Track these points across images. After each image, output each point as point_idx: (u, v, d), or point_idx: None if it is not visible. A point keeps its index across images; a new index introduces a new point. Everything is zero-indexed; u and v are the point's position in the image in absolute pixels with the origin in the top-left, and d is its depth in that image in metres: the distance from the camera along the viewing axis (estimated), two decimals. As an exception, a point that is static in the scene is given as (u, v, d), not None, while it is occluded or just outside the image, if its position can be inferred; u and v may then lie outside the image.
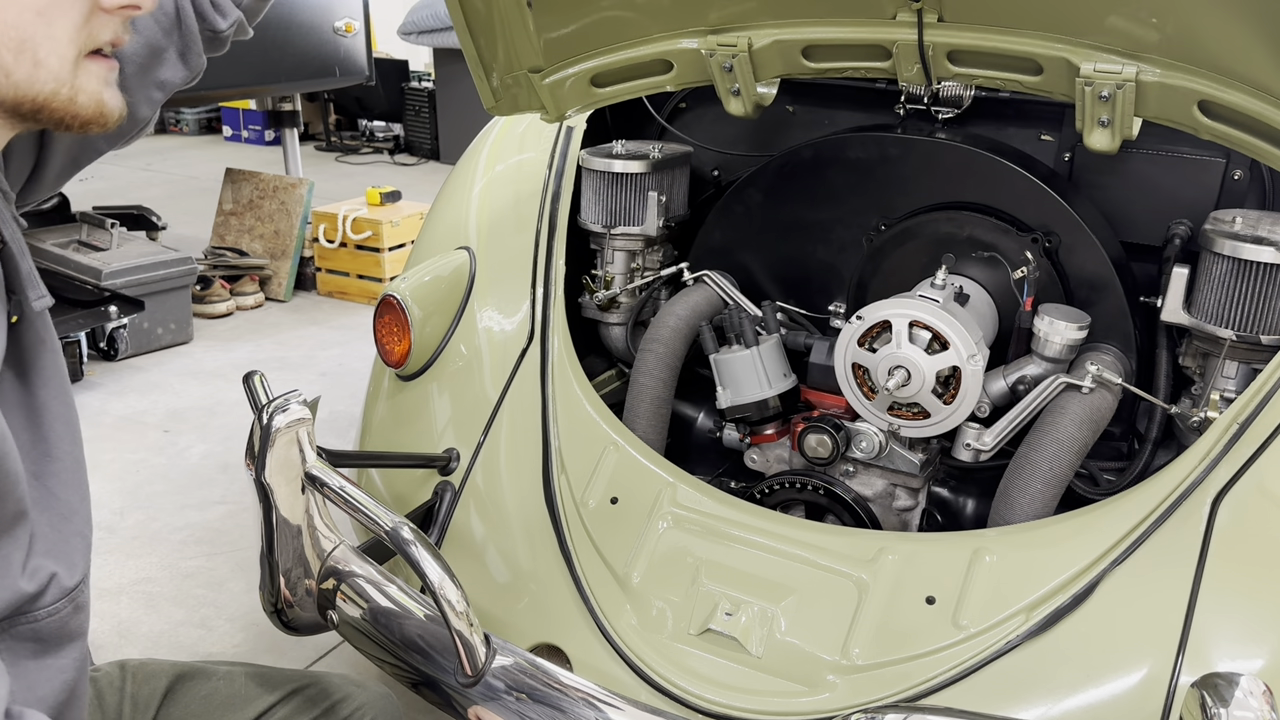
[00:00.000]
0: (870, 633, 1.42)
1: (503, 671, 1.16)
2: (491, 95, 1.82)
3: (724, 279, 2.07)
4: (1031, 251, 1.79)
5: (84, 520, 0.99)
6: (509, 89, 1.83)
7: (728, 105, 1.85)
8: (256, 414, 1.26)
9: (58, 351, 0.99)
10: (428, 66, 8.77)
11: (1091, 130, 1.54)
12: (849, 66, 1.68)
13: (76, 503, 0.98)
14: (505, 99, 1.85)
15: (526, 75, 1.81)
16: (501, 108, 1.86)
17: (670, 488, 1.64)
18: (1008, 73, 1.56)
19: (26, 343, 0.95)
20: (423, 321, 1.88)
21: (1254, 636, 1.30)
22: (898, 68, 1.60)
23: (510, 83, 1.82)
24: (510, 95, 1.85)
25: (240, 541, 2.76)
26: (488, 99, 1.83)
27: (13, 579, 0.89)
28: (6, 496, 0.87)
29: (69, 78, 0.84)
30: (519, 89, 1.84)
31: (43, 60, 0.82)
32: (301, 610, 1.32)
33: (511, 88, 1.83)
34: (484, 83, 1.80)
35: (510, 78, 1.81)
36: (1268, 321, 1.57)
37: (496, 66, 1.79)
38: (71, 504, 0.97)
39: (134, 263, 3.94)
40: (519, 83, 1.83)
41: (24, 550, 0.90)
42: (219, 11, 1.18)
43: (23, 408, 0.94)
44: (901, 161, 1.93)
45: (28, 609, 0.91)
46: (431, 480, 1.77)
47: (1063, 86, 1.52)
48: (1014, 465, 1.63)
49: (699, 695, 1.42)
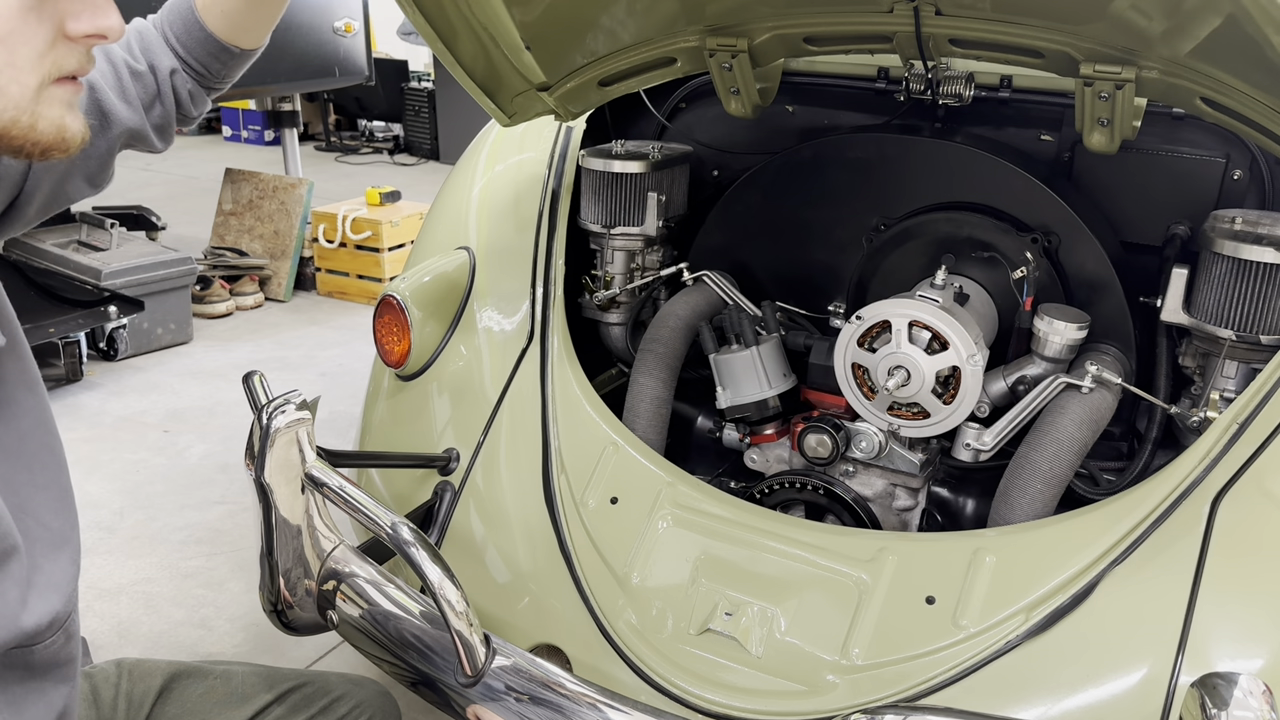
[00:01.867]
0: (870, 633, 1.42)
1: (502, 672, 1.16)
2: (505, 116, 1.84)
3: (724, 279, 2.07)
4: (1031, 251, 1.79)
5: (75, 548, 0.97)
6: (519, 105, 1.85)
7: (727, 106, 1.85)
8: (256, 414, 1.26)
9: (36, 380, 0.97)
10: (427, 66, 8.77)
11: (1091, 130, 1.54)
12: (851, 49, 1.68)
13: (68, 531, 0.96)
14: (518, 115, 1.87)
15: (535, 92, 1.82)
16: (516, 120, 1.88)
17: (670, 488, 1.64)
18: (1009, 54, 1.55)
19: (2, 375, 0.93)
20: (422, 321, 1.88)
21: (1253, 636, 1.30)
22: (899, 50, 1.60)
23: (521, 102, 1.83)
24: (521, 109, 1.86)
25: (240, 541, 2.76)
26: (501, 119, 1.85)
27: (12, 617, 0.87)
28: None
29: (29, 105, 0.81)
30: (529, 102, 1.85)
31: (2, 88, 0.78)
32: (301, 610, 1.32)
33: (522, 104, 1.85)
34: (496, 111, 1.81)
35: (521, 98, 1.82)
36: (1267, 321, 1.57)
37: (504, 95, 1.80)
38: (63, 532, 0.96)
39: (134, 263, 3.94)
40: (529, 98, 1.84)
41: (20, 586, 0.88)
42: (195, 103, 1.23)
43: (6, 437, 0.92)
44: (901, 161, 1.92)
45: (29, 644, 0.90)
46: (431, 480, 1.77)
47: (1066, 69, 1.51)
48: (1014, 465, 1.63)
49: (699, 695, 1.42)
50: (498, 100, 1.79)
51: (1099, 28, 1.40)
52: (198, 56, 1.22)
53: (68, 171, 1.11)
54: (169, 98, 1.21)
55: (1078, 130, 1.56)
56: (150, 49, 1.20)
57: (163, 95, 1.20)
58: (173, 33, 1.21)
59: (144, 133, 1.20)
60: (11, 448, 0.92)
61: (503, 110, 1.82)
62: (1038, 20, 1.45)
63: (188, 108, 1.24)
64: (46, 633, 0.91)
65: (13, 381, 0.93)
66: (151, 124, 1.20)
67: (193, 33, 1.21)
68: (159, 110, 1.20)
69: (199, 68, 1.22)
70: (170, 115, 1.22)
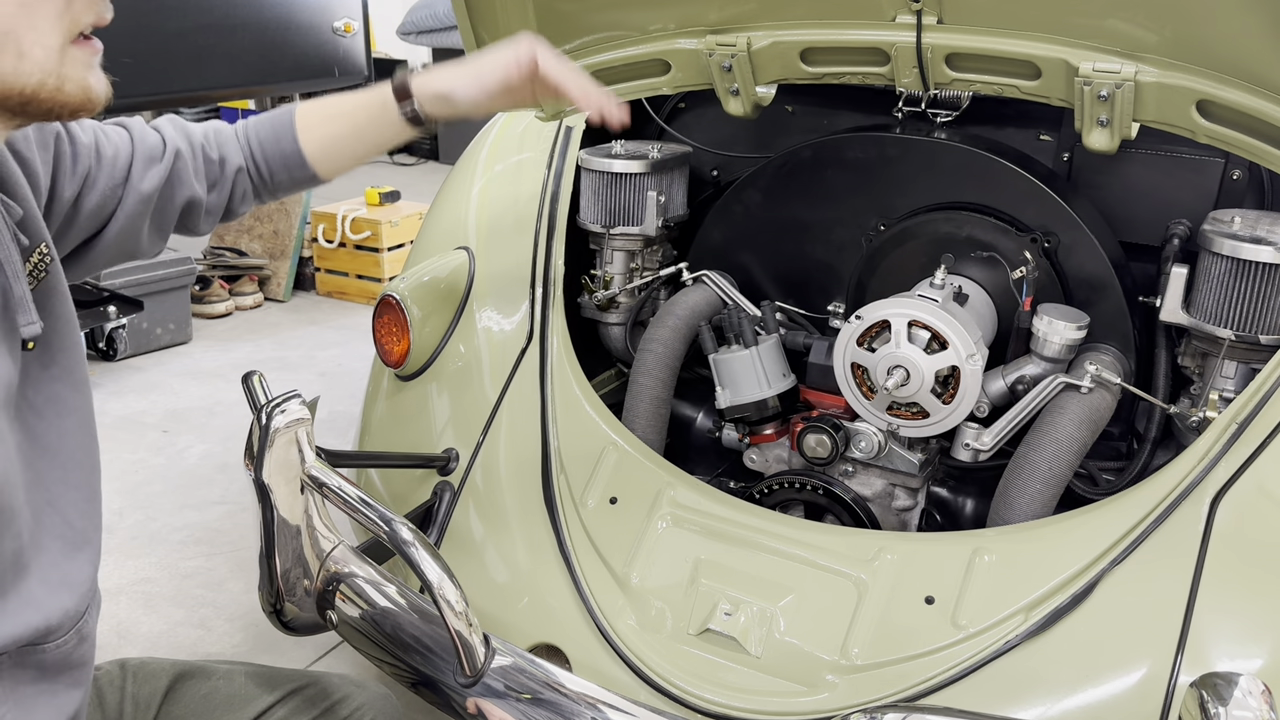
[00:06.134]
0: (869, 632, 1.42)
1: (502, 672, 1.16)
2: None
3: (723, 279, 2.07)
4: (1030, 251, 1.79)
5: (95, 550, 0.99)
6: None
7: (727, 105, 1.85)
8: (256, 414, 1.26)
9: (85, 380, 0.99)
10: (427, 67, 8.76)
11: (1090, 130, 1.54)
12: (847, 72, 1.69)
13: (90, 532, 0.98)
14: None
15: None
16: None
17: (669, 488, 1.64)
18: (1005, 78, 1.56)
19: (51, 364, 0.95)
20: (422, 321, 1.88)
21: (1253, 636, 1.30)
22: (896, 73, 1.61)
23: None
24: None
25: (240, 541, 2.76)
26: None
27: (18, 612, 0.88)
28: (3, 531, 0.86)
29: (55, 67, 0.83)
30: None
31: (26, 52, 0.80)
32: (301, 610, 1.32)
33: None
34: None
35: None
36: (1267, 321, 1.58)
37: None
38: (86, 533, 0.97)
39: (133, 263, 3.94)
40: None
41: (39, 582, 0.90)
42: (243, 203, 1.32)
43: (46, 435, 0.93)
44: (900, 162, 1.93)
45: (37, 641, 0.90)
46: (430, 480, 1.77)
47: (1060, 91, 1.53)
48: (1013, 465, 1.63)
49: (698, 695, 1.42)
50: None
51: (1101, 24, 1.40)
52: (272, 165, 1.30)
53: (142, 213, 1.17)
54: (227, 189, 1.28)
55: (1077, 130, 1.56)
56: (224, 144, 1.27)
57: (222, 184, 1.27)
58: (256, 138, 1.28)
59: (198, 208, 1.26)
60: (51, 444, 0.93)
61: None
62: (1038, 22, 1.45)
63: (236, 205, 1.30)
64: (58, 631, 0.92)
65: (61, 379, 0.95)
66: (206, 205, 1.26)
67: (281, 143, 1.28)
68: (215, 196, 1.27)
69: (265, 174, 1.29)
70: (222, 205, 1.29)
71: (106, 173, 1.12)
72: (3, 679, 0.88)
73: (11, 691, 0.89)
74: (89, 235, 1.13)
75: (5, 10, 0.79)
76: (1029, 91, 1.57)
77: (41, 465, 0.92)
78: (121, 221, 1.14)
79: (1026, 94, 1.58)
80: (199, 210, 1.25)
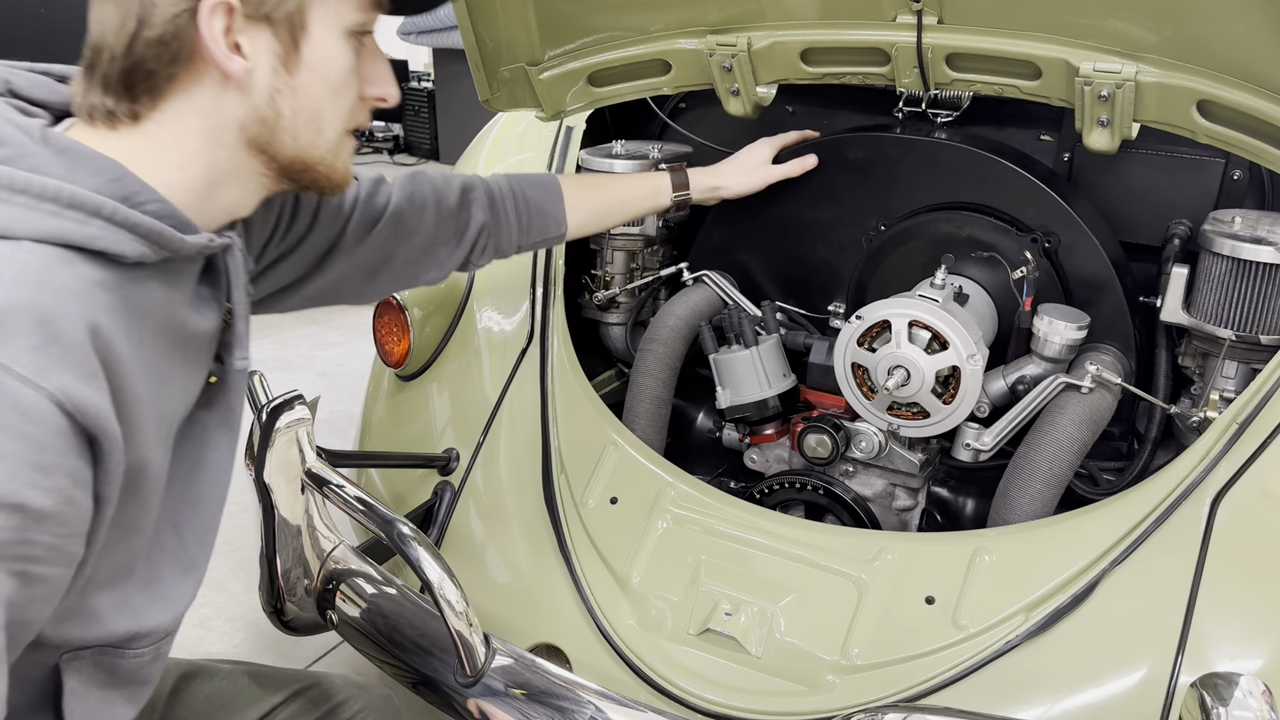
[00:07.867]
0: (870, 633, 1.42)
1: (502, 671, 1.17)
2: (488, 87, 1.82)
3: (723, 279, 2.07)
4: (1031, 251, 1.79)
5: (198, 578, 1.03)
6: (506, 83, 1.83)
7: (727, 105, 1.85)
8: (256, 414, 1.26)
9: (239, 421, 1.06)
10: (427, 66, 8.77)
11: (1091, 130, 1.54)
12: (847, 72, 1.69)
13: (200, 560, 1.02)
14: (502, 93, 1.85)
15: (524, 69, 1.81)
16: (497, 101, 1.86)
17: (670, 487, 1.64)
18: (1005, 78, 1.56)
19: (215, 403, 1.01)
20: (422, 321, 1.88)
21: (1253, 636, 1.30)
22: (896, 73, 1.61)
23: (507, 76, 1.82)
24: (507, 89, 1.84)
25: (240, 541, 2.75)
26: (484, 91, 1.83)
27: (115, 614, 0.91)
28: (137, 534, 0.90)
29: (334, 148, 0.99)
30: (516, 84, 1.84)
31: (323, 130, 0.97)
32: (301, 610, 1.32)
33: (508, 82, 1.83)
34: (480, 72, 1.80)
35: (507, 71, 1.80)
36: (1267, 321, 1.57)
37: (494, 56, 1.78)
38: (195, 560, 1.01)
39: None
40: (516, 77, 1.82)
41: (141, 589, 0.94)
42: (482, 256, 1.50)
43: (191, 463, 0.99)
44: (901, 161, 1.92)
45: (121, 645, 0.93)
46: (431, 480, 1.77)
47: (1060, 91, 1.53)
48: (1013, 465, 1.63)
49: (698, 695, 1.42)
50: (486, 63, 1.78)
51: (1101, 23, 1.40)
52: (531, 228, 1.51)
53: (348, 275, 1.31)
54: (467, 244, 1.47)
55: (1077, 130, 1.56)
56: (473, 203, 1.46)
57: (462, 241, 1.46)
58: (518, 199, 1.49)
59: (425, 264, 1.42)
60: (190, 471, 1.00)
61: (487, 81, 1.81)
62: (1038, 22, 1.45)
63: (475, 258, 1.50)
64: (143, 640, 0.95)
65: (218, 415, 1.02)
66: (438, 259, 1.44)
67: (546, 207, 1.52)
68: (447, 250, 1.45)
69: (520, 235, 1.50)
70: (457, 259, 1.47)
71: (317, 234, 1.25)
72: (80, 674, 0.90)
73: (82, 689, 0.91)
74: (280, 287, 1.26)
75: (321, 94, 0.95)
76: (1029, 92, 1.57)
77: (177, 488, 0.98)
78: (317, 282, 1.27)
79: (1027, 94, 1.58)
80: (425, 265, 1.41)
